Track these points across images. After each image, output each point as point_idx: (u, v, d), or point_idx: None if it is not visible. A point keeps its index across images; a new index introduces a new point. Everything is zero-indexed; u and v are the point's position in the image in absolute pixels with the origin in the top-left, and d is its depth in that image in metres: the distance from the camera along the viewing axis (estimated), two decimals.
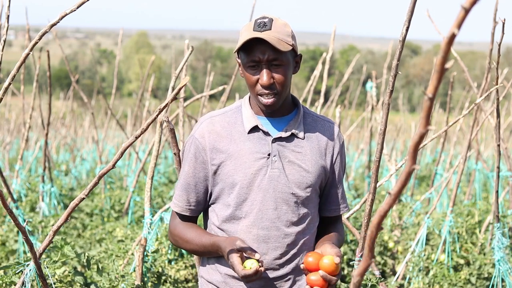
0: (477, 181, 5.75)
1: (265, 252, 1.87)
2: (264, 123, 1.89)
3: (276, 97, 1.82)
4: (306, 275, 1.78)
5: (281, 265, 1.89)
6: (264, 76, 1.79)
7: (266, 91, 1.81)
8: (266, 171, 1.84)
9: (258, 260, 1.74)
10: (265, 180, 1.84)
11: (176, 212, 1.98)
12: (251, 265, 1.73)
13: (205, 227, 2.02)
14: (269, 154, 1.85)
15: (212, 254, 1.89)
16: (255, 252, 1.76)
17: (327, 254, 1.77)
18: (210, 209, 1.97)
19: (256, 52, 1.78)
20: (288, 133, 1.88)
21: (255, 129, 1.88)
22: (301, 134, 1.89)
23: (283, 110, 1.91)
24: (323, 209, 2.00)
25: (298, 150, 1.88)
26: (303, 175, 1.87)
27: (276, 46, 1.74)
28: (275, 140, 1.87)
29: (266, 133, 1.87)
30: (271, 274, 1.88)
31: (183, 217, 1.98)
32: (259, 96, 1.83)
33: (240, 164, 1.85)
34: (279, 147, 1.87)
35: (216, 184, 1.89)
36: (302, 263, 1.83)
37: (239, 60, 1.88)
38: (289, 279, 1.90)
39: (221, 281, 1.92)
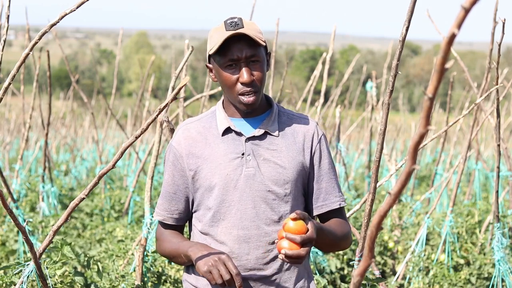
0: (477, 181, 5.75)
1: (247, 252, 1.85)
2: (238, 124, 1.89)
3: (256, 95, 1.82)
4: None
5: (265, 265, 1.86)
6: (244, 74, 1.78)
7: (248, 89, 1.80)
8: (241, 171, 1.83)
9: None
10: (241, 180, 1.83)
11: (159, 221, 1.97)
12: None
13: (190, 234, 2.00)
14: (243, 154, 1.84)
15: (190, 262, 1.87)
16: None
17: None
18: (193, 215, 1.95)
19: (233, 50, 1.77)
20: (261, 132, 1.87)
21: (228, 130, 1.87)
22: (275, 132, 1.88)
23: (257, 110, 1.90)
24: (311, 208, 1.95)
25: (273, 147, 1.87)
26: (279, 172, 1.85)
27: (256, 39, 1.75)
28: (249, 139, 1.86)
29: (239, 134, 1.87)
30: (256, 275, 1.86)
31: (166, 226, 1.96)
32: (240, 96, 1.81)
33: (216, 166, 1.84)
34: (253, 146, 1.86)
35: (197, 190, 1.88)
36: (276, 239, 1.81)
37: (210, 65, 1.87)
38: (275, 279, 1.87)
39: (206, 284, 1.90)
